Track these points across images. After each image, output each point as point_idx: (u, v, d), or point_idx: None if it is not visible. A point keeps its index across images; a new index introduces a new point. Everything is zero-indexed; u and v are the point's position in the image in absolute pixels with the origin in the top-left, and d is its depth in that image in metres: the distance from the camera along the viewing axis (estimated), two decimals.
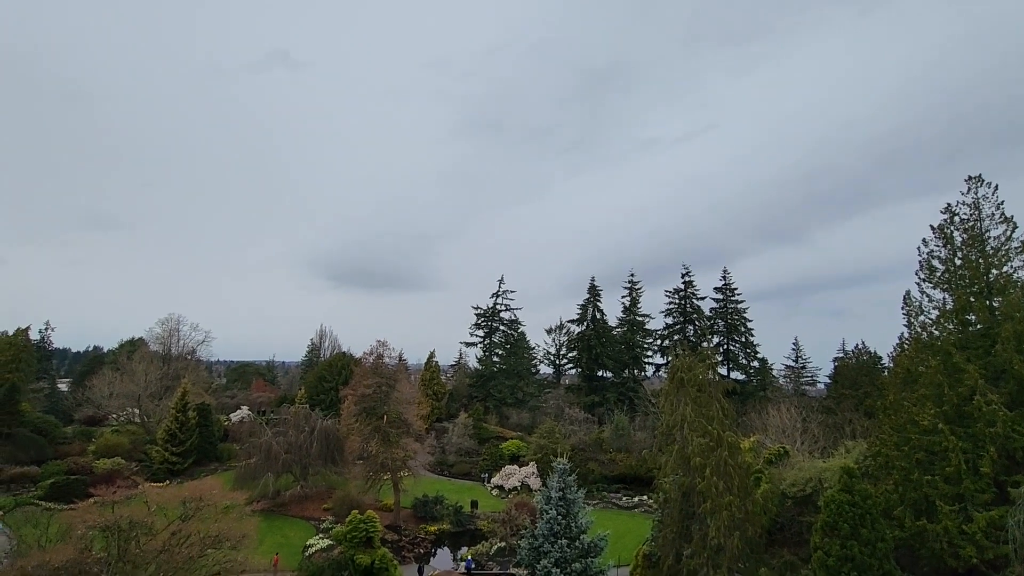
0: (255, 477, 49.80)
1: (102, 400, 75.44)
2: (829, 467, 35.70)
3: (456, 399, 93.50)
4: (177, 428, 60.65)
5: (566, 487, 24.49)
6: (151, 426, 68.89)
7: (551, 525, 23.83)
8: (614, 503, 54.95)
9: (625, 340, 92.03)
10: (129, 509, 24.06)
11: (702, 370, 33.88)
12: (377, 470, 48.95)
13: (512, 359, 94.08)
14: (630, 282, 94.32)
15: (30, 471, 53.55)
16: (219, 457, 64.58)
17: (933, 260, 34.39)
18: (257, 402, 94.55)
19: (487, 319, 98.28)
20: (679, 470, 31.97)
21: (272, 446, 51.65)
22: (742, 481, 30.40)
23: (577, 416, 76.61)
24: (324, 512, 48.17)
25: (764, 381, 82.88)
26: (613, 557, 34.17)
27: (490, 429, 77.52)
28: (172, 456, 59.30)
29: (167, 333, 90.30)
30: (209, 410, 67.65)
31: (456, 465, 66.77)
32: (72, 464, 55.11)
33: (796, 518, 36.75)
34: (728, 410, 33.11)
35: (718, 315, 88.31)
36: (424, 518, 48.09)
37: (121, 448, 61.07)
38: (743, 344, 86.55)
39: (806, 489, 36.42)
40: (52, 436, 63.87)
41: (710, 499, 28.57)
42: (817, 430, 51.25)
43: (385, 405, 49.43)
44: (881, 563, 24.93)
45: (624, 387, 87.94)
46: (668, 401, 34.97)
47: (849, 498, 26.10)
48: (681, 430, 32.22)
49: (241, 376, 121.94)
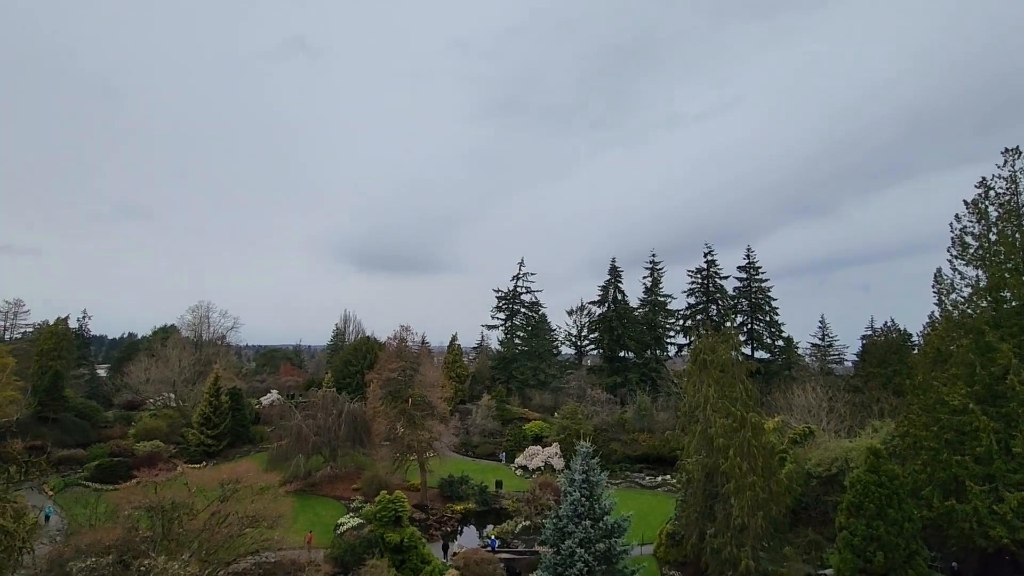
0: (287, 458, 51.54)
1: (139, 385, 78.51)
2: (855, 447, 35.39)
3: (479, 381, 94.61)
4: (211, 412, 62.85)
5: (589, 469, 24.83)
6: (186, 410, 71.47)
7: (575, 506, 24.25)
8: (637, 483, 55.43)
9: (647, 321, 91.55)
10: (171, 490, 25.31)
11: (725, 351, 33.72)
12: (403, 451, 50.18)
13: (534, 341, 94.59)
14: (651, 262, 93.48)
15: (76, 454, 56.29)
16: (252, 439, 66.80)
17: (966, 236, 33.34)
18: (286, 386, 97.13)
19: (508, 302, 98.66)
20: (702, 451, 32.11)
21: (302, 428, 53.24)
22: (766, 461, 30.42)
23: (599, 397, 76.94)
24: (354, 492, 49.66)
25: (789, 360, 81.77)
26: (636, 536, 34.64)
27: (513, 410, 78.46)
28: (207, 439, 61.58)
29: (198, 320, 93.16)
30: (241, 394, 69.87)
31: (480, 446, 67.93)
32: (115, 447, 57.67)
33: (821, 498, 36.63)
34: (752, 391, 32.99)
35: (741, 294, 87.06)
36: (450, 498, 49.24)
37: (159, 431, 63.64)
38: (767, 323, 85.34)
39: (832, 469, 36.19)
40: (95, 420, 66.85)
41: (734, 479, 28.71)
42: (844, 409, 50.66)
43: (410, 388, 50.38)
44: (908, 543, 24.84)
45: (646, 368, 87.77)
46: (691, 382, 34.98)
47: (876, 478, 25.97)
48: (704, 411, 32.27)
49: (270, 361, 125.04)
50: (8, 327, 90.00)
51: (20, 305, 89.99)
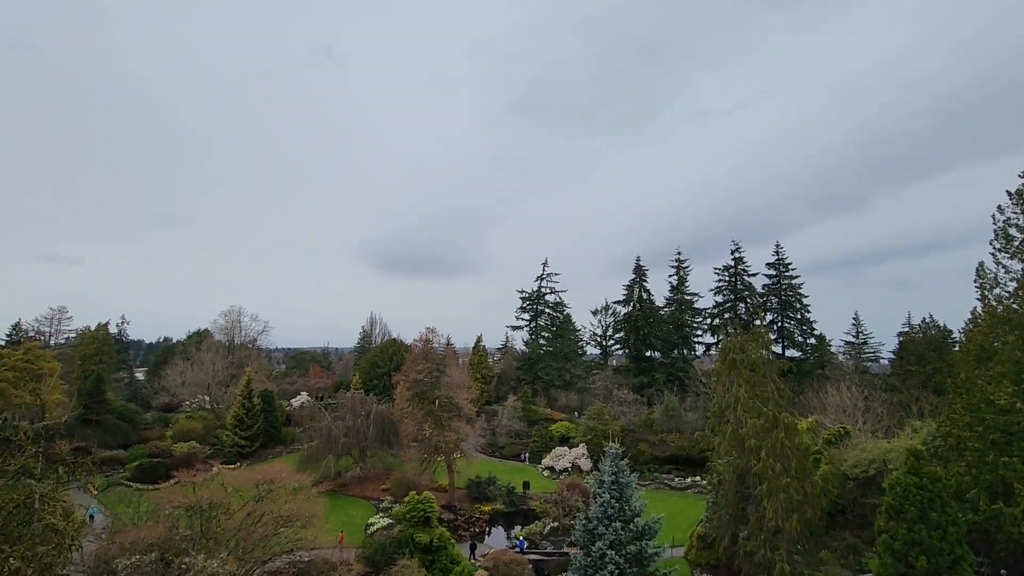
0: (317, 459, 52.47)
1: (175, 388, 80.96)
2: (894, 448, 34.31)
3: (504, 382, 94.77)
4: (244, 414, 64.38)
5: (618, 471, 24.64)
6: (220, 412, 73.37)
7: (605, 508, 24.10)
8: (666, 484, 54.75)
9: (673, 320, 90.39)
10: (208, 491, 26.01)
11: (755, 349, 33.03)
12: (431, 452, 50.57)
13: (558, 341, 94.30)
14: (677, 260, 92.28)
15: (117, 454, 58.30)
16: (283, 440, 68.21)
17: (1010, 228, 31.96)
18: (315, 388, 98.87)
19: (532, 303, 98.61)
20: (733, 452, 31.53)
21: (332, 430, 54.14)
22: (800, 463, 29.70)
23: (626, 397, 76.29)
24: (383, 492, 50.27)
25: (822, 359, 79.70)
26: (667, 538, 34.20)
27: (539, 411, 78.35)
28: (241, 440, 63.11)
29: (230, 324, 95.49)
30: (272, 396, 71.44)
31: (507, 447, 68.01)
32: (153, 448, 59.54)
33: (859, 500, 35.61)
34: (783, 390, 32.25)
35: (771, 291, 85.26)
36: (478, 498, 49.44)
37: (195, 433, 65.47)
38: (798, 321, 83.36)
39: (869, 470, 35.16)
40: (134, 422, 69.15)
41: (766, 481, 28.12)
42: (881, 409, 49.17)
43: (436, 389, 50.76)
44: (952, 547, 23.94)
45: (673, 367, 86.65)
46: (720, 382, 34.39)
47: (916, 480, 25.09)
48: (734, 411, 31.69)
49: (299, 363, 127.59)
50: (53, 333, 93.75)
51: (64, 312, 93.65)
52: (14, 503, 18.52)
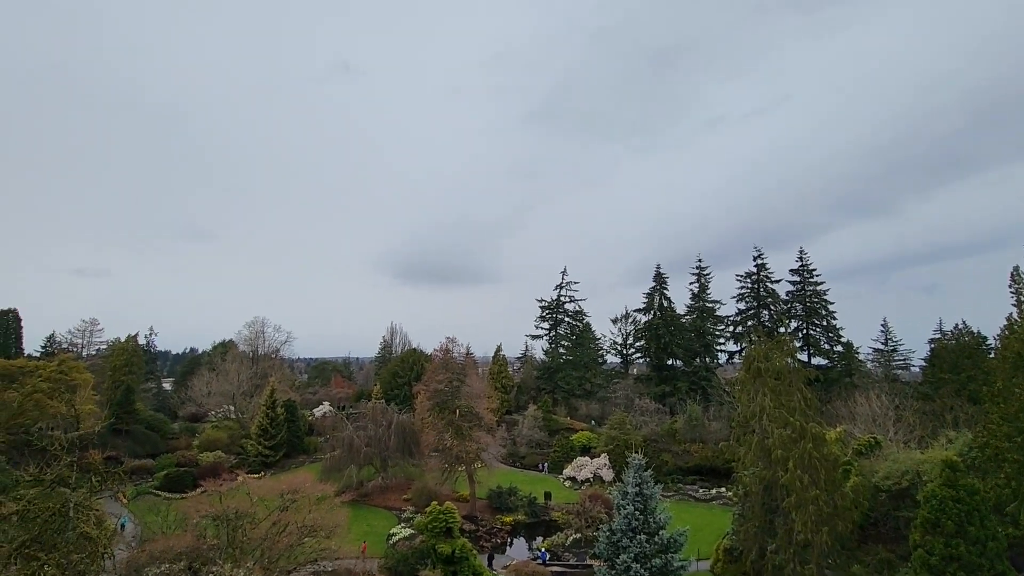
0: (339, 469, 52.90)
1: (202, 398, 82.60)
2: (928, 459, 33.19)
3: (524, 391, 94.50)
4: (268, 423, 65.31)
5: (642, 482, 24.32)
6: (245, 421, 74.56)
7: (629, 520, 23.78)
8: (690, 495, 53.81)
9: (695, 328, 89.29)
10: (234, 500, 26.39)
11: (780, 358, 32.39)
12: (452, 462, 50.56)
13: (578, 350, 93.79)
14: (698, 267, 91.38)
15: (146, 463, 59.61)
16: (306, 450, 68.94)
17: None
18: (337, 398, 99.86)
19: (551, 311, 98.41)
20: (759, 463, 30.86)
21: (354, 440, 54.57)
22: (829, 474, 28.93)
23: (648, 407, 75.38)
24: (404, 502, 50.38)
25: (850, 367, 77.80)
26: (692, 551, 33.57)
27: (559, 421, 77.88)
28: (265, 449, 63.98)
29: (254, 335, 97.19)
30: (295, 406, 72.39)
31: (527, 457, 67.67)
32: (181, 457, 60.71)
33: (892, 513, 34.46)
34: (810, 399, 31.52)
35: (795, 298, 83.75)
36: (499, 509, 49.19)
37: (220, 442, 66.62)
38: (824, 328, 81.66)
39: (902, 482, 34.03)
40: (162, 432, 70.69)
41: (794, 493, 27.45)
42: (913, 418, 47.76)
43: (456, 399, 50.86)
44: (993, 563, 23.04)
45: (696, 376, 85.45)
46: (744, 391, 33.75)
47: (953, 493, 24.25)
48: (760, 421, 31.05)
49: (321, 373, 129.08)
50: (85, 344, 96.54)
51: (95, 324, 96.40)
52: (50, 511, 19.05)
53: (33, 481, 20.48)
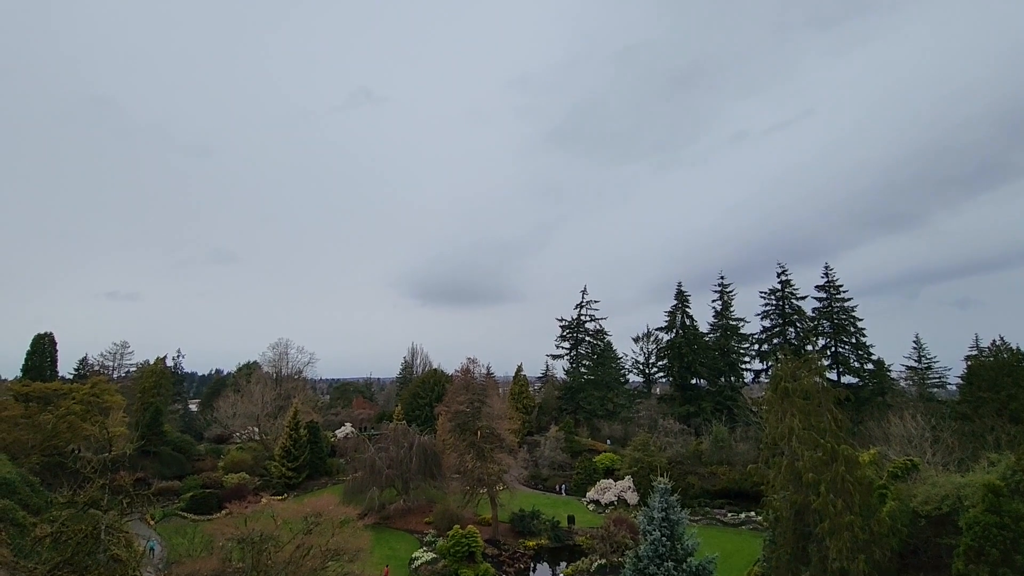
0: (362, 491, 52.83)
1: (227, 420, 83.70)
2: (969, 483, 31.81)
3: (545, 412, 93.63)
4: (291, 445, 65.79)
5: (669, 507, 23.78)
6: (269, 443, 75.22)
7: (656, 546, 23.21)
8: (718, 520, 52.30)
9: (719, 346, 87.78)
10: (259, 523, 26.53)
11: (808, 377, 31.61)
12: (474, 484, 50.13)
13: (600, 370, 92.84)
14: (720, 284, 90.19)
15: (173, 485, 60.34)
16: (328, 472, 69.14)
17: None
18: (359, 419, 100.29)
19: (572, 330, 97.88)
20: (789, 486, 29.93)
21: (376, 461, 54.58)
22: (863, 498, 27.90)
23: (672, 427, 73.96)
24: (426, 526, 49.99)
25: (882, 385, 75.36)
26: None
27: (582, 442, 76.82)
28: (288, 471, 64.34)
29: (278, 356, 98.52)
30: (318, 428, 72.86)
31: (550, 479, 66.73)
32: (206, 479, 61.39)
33: (932, 540, 32.99)
34: (842, 420, 30.56)
35: (822, 315, 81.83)
36: (522, 533, 48.45)
37: (245, 464, 67.21)
38: (853, 345, 79.44)
39: (942, 507, 32.62)
40: (189, 453, 71.65)
41: (828, 518, 26.52)
42: (951, 440, 45.93)
43: (478, 420, 50.65)
44: None
45: (721, 396, 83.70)
46: (772, 412, 32.93)
47: (997, 519, 23.19)
48: (788, 443, 30.22)
49: (343, 394, 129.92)
50: (116, 367, 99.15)
51: (126, 347, 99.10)
52: (82, 533, 19.39)
53: (66, 503, 20.92)
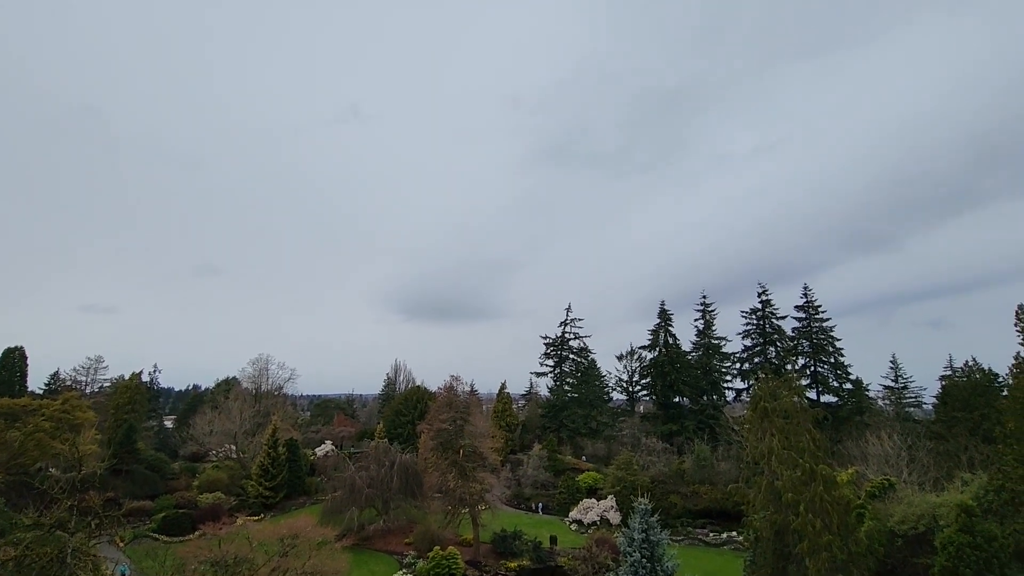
0: (340, 511, 51.76)
1: (203, 437, 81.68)
2: (943, 502, 32.38)
3: (529, 430, 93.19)
4: (269, 463, 64.42)
5: (649, 528, 23.77)
6: (246, 461, 73.54)
7: (636, 569, 23.14)
8: (700, 539, 52.24)
9: (701, 365, 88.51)
10: (233, 545, 25.90)
11: (787, 396, 32.07)
12: (456, 504, 49.48)
13: (584, 388, 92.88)
14: (703, 304, 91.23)
15: (145, 505, 58.48)
16: (307, 491, 67.70)
17: None
18: (339, 436, 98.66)
19: (556, 348, 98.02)
20: (769, 506, 30.17)
21: (356, 481, 53.61)
22: (841, 518, 28.20)
23: (655, 446, 74.07)
24: (406, 546, 49.09)
25: (860, 404, 76.49)
26: None
27: (565, 460, 76.42)
28: (265, 491, 62.89)
29: (258, 372, 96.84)
30: (297, 445, 71.47)
31: (532, 498, 66.14)
32: (179, 499, 59.65)
33: (909, 559, 33.38)
34: (820, 440, 31.01)
35: (801, 335, 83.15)
36: (504, 554, 47.80)
37: (220, 483, 65.52)
38: (832, 365, 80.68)
39: (918, 527, 33.10)
40: (163, 472, 69.65)
41: (807, 538, 26.74)
42: (927, 459, 46.74)
43: (460, 438, 50.18)
44: None
45: (703, 414, 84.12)
46: (752, 431, 33.27)
47: (970, 539, 23.64)
48: (768, 462, 30.52)
49: (324, 411, 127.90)
50: (89, 382, 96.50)
51: (100, 361, 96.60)
52: (47, 557, 18.72)
53: (32, 525, 20.21)
